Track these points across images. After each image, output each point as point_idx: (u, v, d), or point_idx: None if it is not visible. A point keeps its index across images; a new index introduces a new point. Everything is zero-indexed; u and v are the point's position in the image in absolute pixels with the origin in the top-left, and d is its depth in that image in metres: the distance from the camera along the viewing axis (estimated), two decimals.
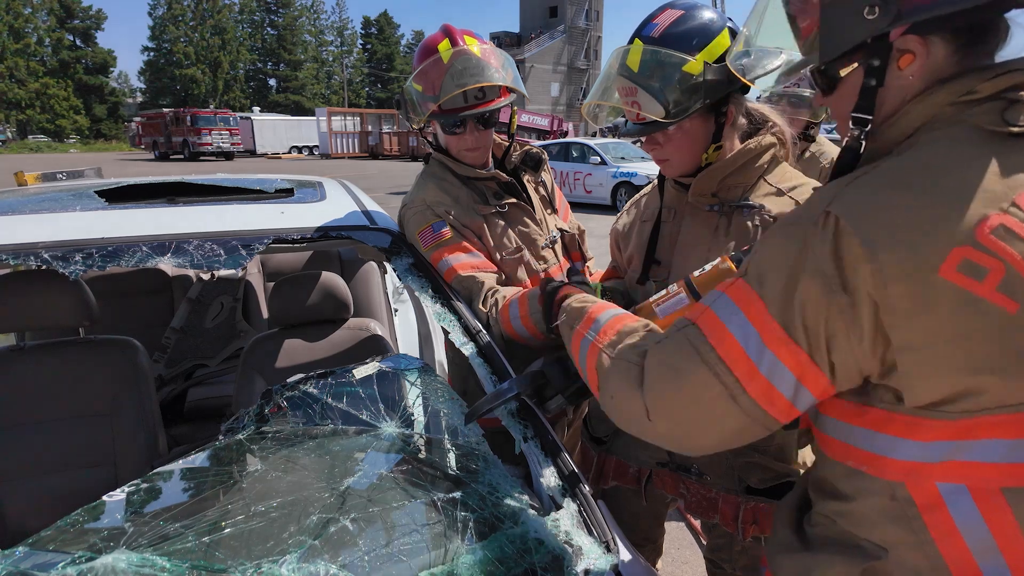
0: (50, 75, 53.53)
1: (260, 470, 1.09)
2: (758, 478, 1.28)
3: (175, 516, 0.92)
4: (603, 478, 1.46)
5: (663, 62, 1.08)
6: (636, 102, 1.11)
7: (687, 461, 1.34)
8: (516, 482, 1.15)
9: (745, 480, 1.29)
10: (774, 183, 1.22)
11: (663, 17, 1.12)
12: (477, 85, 1.39)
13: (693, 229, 1.26)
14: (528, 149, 1.66)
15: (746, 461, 1.29)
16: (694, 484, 1.35)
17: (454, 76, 1.37)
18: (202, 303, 2.75)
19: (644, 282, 1.30)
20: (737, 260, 1.06)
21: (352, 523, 0.92)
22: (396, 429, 1.25)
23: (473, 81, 1.38)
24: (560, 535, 1.00)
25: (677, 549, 2.43)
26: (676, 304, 1.10)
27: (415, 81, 1.44)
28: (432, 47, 1.42)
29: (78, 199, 1.70)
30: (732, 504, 1.30)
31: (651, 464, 1.39)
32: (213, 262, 1.35)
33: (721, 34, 1.11)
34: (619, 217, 1.47)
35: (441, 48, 1.41)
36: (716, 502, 1.32)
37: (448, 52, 1.39)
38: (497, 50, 1.47)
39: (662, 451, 1.35)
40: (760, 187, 1.23)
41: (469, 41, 1.43)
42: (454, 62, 1.38)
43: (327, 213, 1.66)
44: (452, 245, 1.46)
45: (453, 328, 1.38)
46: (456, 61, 1.38)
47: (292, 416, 1.27)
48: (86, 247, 1.33)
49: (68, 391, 1.67)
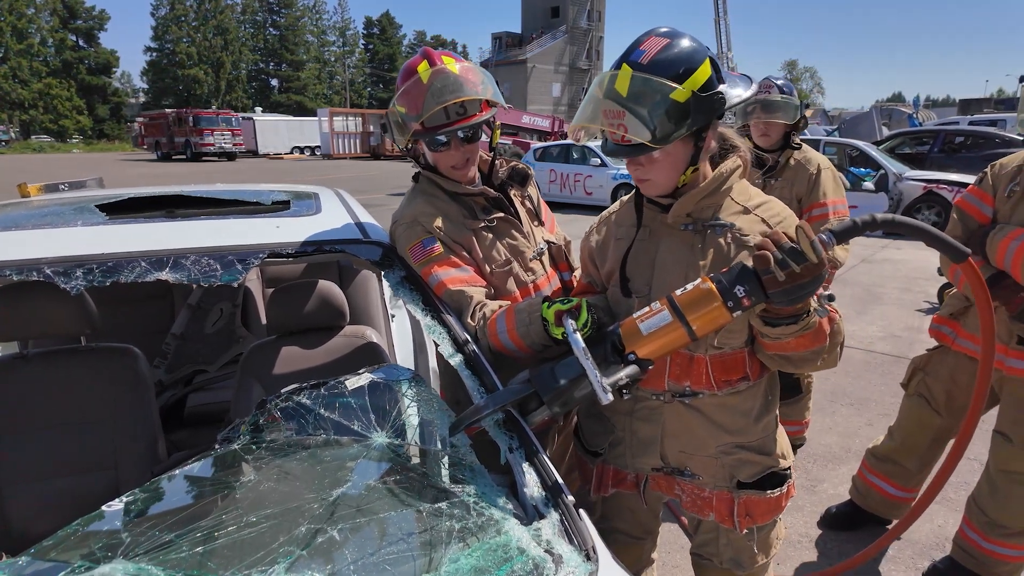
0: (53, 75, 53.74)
1: (253, 480, 1.13)
2: (747, 473, 1.37)
3: (171, 526, 0.96)
4: (603, 486, 1.52)
5: (653, 89, 1.12)
6: (623, 125, 1.15)
7: (681, 464, 1.40)
8: (502, 491, 1.19)
9: (736, 476, 1.37)
10: (740, 201, 1.30)
11: (649, 44, 1.16)
12: (456, 100, 1.44)
13: (671, 247, 1.31)
14: (514, 165, 1.71)
15: (735, 459, 1.37)
16: (688, 485, 1.42)
17: (434, 94, 1.42)
18: (202, 309, 2.79)
19: (627, 297, 1.35)
20: (717, 281, 1.10)
21: (339, 533, 0.96)
22: (386, 439, 1.29)
23: (452, 97, 1.43)
24: (542, 544, 1.03)
25: (668, 553, 2.47)
26: (659, 321, 1.14)
27: (398, 103, 1.49)
28: (412, 69, 1.47)
29: (79, 213, 1.74)
30: (726, 501, 1.39)
31: (647, 470, 1.44)
32: (210, 277, 1.39)
33: (704, 63, 1.15)
34: (589, 234, 1.51)
35: (420, 69, 1.45)
36: (711, 500, 1.40)
37: (427, 72, 1.44)
38: (476, 67, 1.52)
39: (656, 457, 1.41)
40: (728, 205, 1.30)
41: (447, 61, 1.48)
42: (433, 81, 1.43)
43: (322, 226, 1.70)
44: (442, 260, 1.50)
45: (442, 340, 1.42)
46: (435, 80, 1.43)
47: (285, 426, 1.31)
48: (87, 262, 1.37)
49: (70, 398, 1.71)
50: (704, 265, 1.26)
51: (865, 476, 2.55)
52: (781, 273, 1.02)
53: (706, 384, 1.32)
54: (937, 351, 2.29)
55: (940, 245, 1.09)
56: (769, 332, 1.17)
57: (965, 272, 1.12)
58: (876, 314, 5.76)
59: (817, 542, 2.57)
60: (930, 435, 2.31)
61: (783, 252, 1.02)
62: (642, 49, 1.16)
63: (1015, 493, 2.02)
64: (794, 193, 2.74)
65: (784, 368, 1.32)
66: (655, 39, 1.17)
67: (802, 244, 1.02)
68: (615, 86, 1.15)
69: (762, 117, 2.73)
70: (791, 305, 1.07)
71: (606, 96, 1.17)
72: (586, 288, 1.53)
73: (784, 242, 1.03)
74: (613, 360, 1.17)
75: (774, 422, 1.43)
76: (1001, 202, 1.97)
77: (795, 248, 1.02)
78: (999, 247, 1.88)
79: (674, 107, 1.13)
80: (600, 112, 1.18)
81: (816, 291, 1.07)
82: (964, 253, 1.08)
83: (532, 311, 1.35)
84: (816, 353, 1.21)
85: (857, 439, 3.41)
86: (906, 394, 2.39)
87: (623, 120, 1.15)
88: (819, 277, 1.04)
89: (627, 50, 1.18)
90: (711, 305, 1.09)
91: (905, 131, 13.48)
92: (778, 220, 1.28)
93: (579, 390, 1.17)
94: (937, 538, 2.57)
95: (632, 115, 1.14)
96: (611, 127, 1.17)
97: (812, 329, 1.14)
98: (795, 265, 1.01)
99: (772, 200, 1.33)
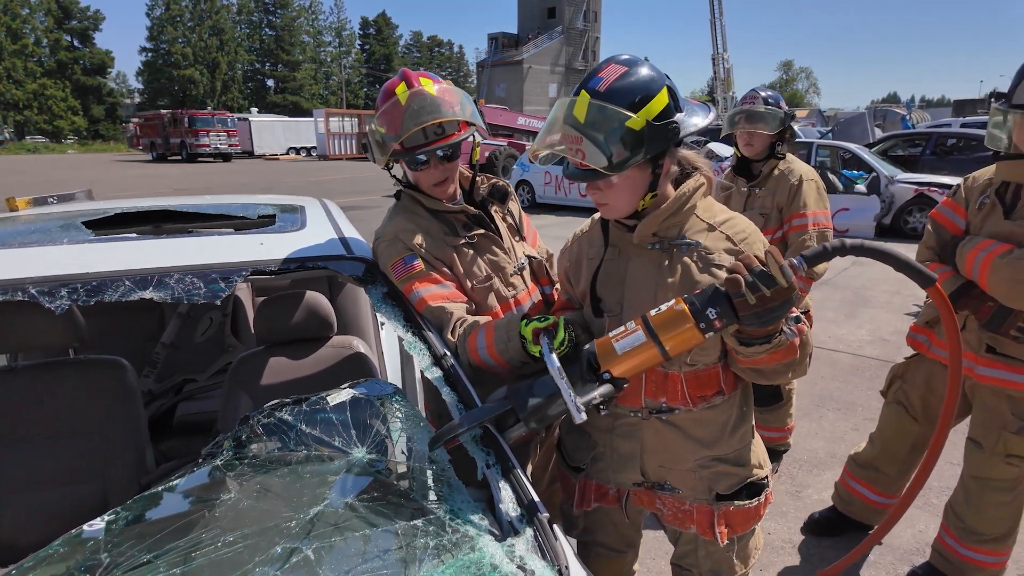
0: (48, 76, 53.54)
1: (233, 497, 1.15)
2: (725, 485, 1.39)
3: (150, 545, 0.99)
4: (586, 501, 1.54)
5: (608, 117, 1.15)
6: (581, 151, 1.18)
7: (661, 479, 1.43)
8: (478, 507, 1.21)
9: (714, 488, 1.39)
10: (705, 218, 1.33)
11: (608, 72, 1.19)
12: (433, 121, 1.47)
13: (640, 266, 1.34)
14: (495, 183, 1.74)
15: (712, 471, 1.39)
16: (669, 499, 1.44)
17: (412, 115, 1.45)
18: (192, 318, 2.81)
19: (599, 317, 1.38)
20: (690, 303, 1.13)
21: (315, 552, 0.99)
22: (365, 455, 1.31)
23: (430, 118, 1.46)
24: (515, 560, 1.06)
25: (652, 559, 2.50)
26: (634, 341, 1.16)
27: (378, 123, 1.52)
28: (391, 91, 1.51)
29: (65, 230, 1.76)
30: (706, 513, 1.41)
31: (628, 485, 1.47)
32: (194, 295, 1.42)
33: (660, 92, 1.18)
34: (564, 252, 1.54)
35: (398, 91, 1.48)
36: (691, 513, 1.42)
37: (405, 94, 1.47)
38: (454, 88, 1.55)
39: (637, 472, 1.43)
40: (693, 223, 1.32)
41: (425, 82, 1.51)
42: (411, 103, 1.46)
43: (306, 241, 1.72)
44: (423, 277, 1.53)
45: (422, 356, 1.45)
46: (412, 102, 1.46)
47: (267, 442, 1.33)
48: (71, 282, 1.39)
49: (59, 410, 1.73)
50: (673, 283, 1.29)
51: (847, 483, 2.58)
52: (752, 296, 1.05)
53: (682, 400, 1.35)
54: (914, 359, 2.32)
55: (908, 271, 1.12)
56: (744, 351, 1.20)
57: (932, 296, 1.15)
58: (865, 317, 5.80)
59: (800, 548, 2.60)
60: (909, 442, 2.35)
61: (754, 275, 1.05)
62: (600, 76, 1.19)
63: (988, 499, 2.06)
64: (776, 203, 2.78)
65: (757, 380, 1.35)
66: (614, 67, 1.19)
67: (771, 268, 1.05)
68: (574, 112, 1.18)
69: (746, 127, 2.77)
70: (762, 327, 1.10)
71: (565, 121, 1.20)
72: (565, 304, 1.55)
73: (755, 266, 1.06)
74: (589, 378, 1.20)
75: (750, 432, 1.45)
76: (972, 214, 2.01)
77: (765, 272, 1.05)
78: (967, 258, 1.92)
79: (629, 135, 1.15)
80: (558, 135, 1.21)
81: (786, 314, 1.10)
82: (931, 278, 1.11)
83: (511, 328, 1.38)
84: (788, 366, 1.25)
85: (843, 444, 3.44)
86: (885, 401, 2.43)
87: (581, 146, 1.18)
88: (789, 301, 1.07)
89: (586, 76, 1.22)
90: (684, 326, 1.12)
91: (897, 133, 13.54)
92: (743, 236, 1.30)
93: (554, 408, 1.20)
94: (918, 543, 2.61)
95: (589, 141, 1.17)
96: (571, 151, 1.20)
97: (784, 346, 1.18)
98: (765, 289, 1.04)
99: (736, 216, 1.35)
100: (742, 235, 1.30)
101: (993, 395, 2.01)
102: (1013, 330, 1.89)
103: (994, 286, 1.84)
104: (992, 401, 2.01)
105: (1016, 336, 1.89)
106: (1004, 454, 1.99)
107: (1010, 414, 1.96)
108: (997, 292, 1.85)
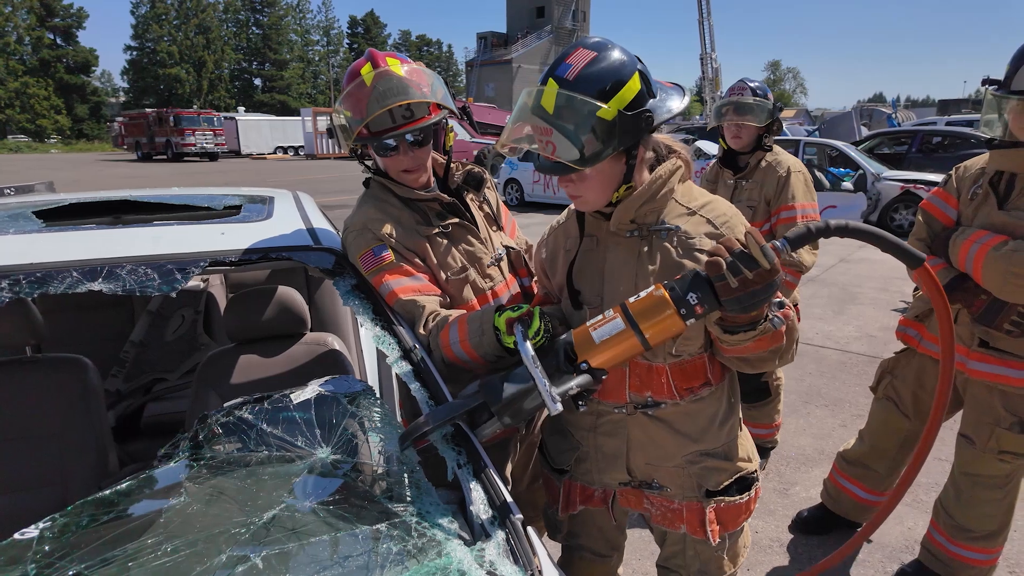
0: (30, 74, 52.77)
1: (183, 502, 1.07)
2: (715, 480, 1.35)
3: (84, 556, 0.91)
4: (570, 504, 1.48)
5: (577, 107, 1.08)
6: (551, 143, 1.11)
7: (648, 477, 1.37)
8: (448, 510, 1.14)
9: (704, 485, 1.34)
10: (684, 203, 1.26)
11: (576, 58, 1.11)
12: (399, 103, 1.39)
13: (618, 255, 1.28)
14: (470, 169, 1.66)
15: (701, 467, 1.34)
16: (657, 498, 1.39)
17: (377, 97, 1.37)
18: (163, 316, 2.71)
19: (578, 309, 1.31)
20: (670, 288, 1.08)
21: (264, 560, 0.91)
22: (330, 456, 1.24)
23: (396, 100, 1.38)
24: (484, 565, 0.99)
25: (638, 560, 2.44)
26: (612, 329, 1.11)
27: (343, 106, 1.44)
28: (356, 71, 1.42)
29: (14, 220, 1.67)
30: (696, 511, 1.36)
31: (614, 485, 1.41)
32: (147, 288, 1.33)
33: (632, 78, 1.11)
34: (541, 245, 1.48)
35: (364, 72, 1.40)
36: (681, 512, 1.37)
37: (371, 75, 1.39)
38: (425, 70, 1.47)
39: (623, 471, 1.38)
40: (672, 208, 1.26)
41: (392, 63, 1.43)
42: (376, 84, 1.38)
43: (271, 231, 1.64)
44: (393, 268, 1.45)
45: (392, 351, 1.37)
46: (379, 83, 1.38)
47: (227, 442, 1.26)
48: (12, 273, 1.30)
49: (14, 412, 1.64)
50: (653, 270, 1.23)
51: (836, 479, 2.54)
52: (733, 280, 1.00)
53: (668, 393, 1.29)
54: (904, 354, 2.28)
55: (896, 251, 1.07)
56: (728, 339, 1.14)
57: (921, 277, 1.10)
58: (853, 314, 5.79)
59: (788, 546, 2.56)
60: (899, 438, 2.31)
61: (735, 257, 1.00)
62: (568, 63, 1.11)
63: (979, 496, 2.02)
64: (763, 195, 2.73)
65: (743, 369, 1.30)
66: (583, 52, 1.12)
67: (752, 249, 0.99)
68: (541, 102, 1.10)
69: (734, 119, 2.72)
70: (745, 313, 1.04)
71: (533, 112, 1.12)
72: (543, 299, 1.49)
73: (736, 247, 1.01)
74: (566, 369, 1.14)
75: (738, 424, 1.40)
76: (964, 205, 1.97)
77: (745, 252, 1.00)
78: (961, 249, 1.87)
79: (601, 125, 1.08)
80: (526, 127, 1.14)
81: (769, 299, 1.05)
82: (919, 258, 1.06)
83: (484, 320, 1.31)
84: (774, 353, 1.19)
85: (831, 441, 3.41)
86: (875, 397, 2.39)
87: (551, 138, 1.11)
88: (772, 284, 1.01)
89: (554, 63, 1.13)
90: (664, 313, 1.07)
91: (884, 131, 13.63)
92: (724, 220, 1.25)
93: (529, 400, 1.14)
94: (907, 541, 2.57)
95: (559, 133, 1.10)
96: (541, 144, 1.13)
97: (769, 333, 1.12)
98: (747, 271, 0.99)
99: (717, 200, 1.29)
100: (723, 218, 1.25)
101: (986, 390, 1.96)
102: (1007, 324, 1.85)
103: (988, 279, 1.80)
104: (984, 396, 1.97)
105: (1010, 330, 1.85)
106: (997, 450, 1.95)
107: (1003, 409, 1.92)
108: (991, 285, 1.80)
